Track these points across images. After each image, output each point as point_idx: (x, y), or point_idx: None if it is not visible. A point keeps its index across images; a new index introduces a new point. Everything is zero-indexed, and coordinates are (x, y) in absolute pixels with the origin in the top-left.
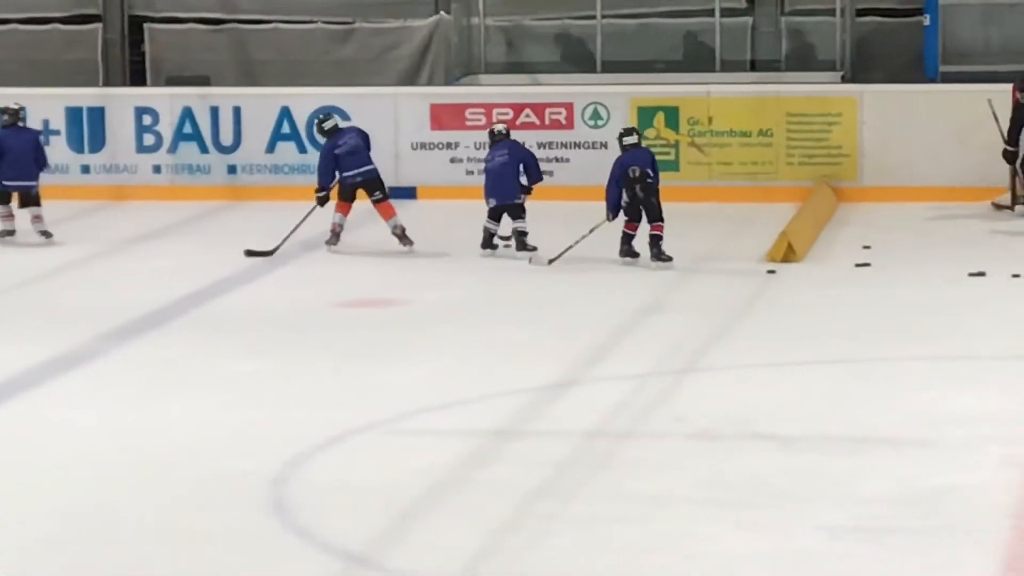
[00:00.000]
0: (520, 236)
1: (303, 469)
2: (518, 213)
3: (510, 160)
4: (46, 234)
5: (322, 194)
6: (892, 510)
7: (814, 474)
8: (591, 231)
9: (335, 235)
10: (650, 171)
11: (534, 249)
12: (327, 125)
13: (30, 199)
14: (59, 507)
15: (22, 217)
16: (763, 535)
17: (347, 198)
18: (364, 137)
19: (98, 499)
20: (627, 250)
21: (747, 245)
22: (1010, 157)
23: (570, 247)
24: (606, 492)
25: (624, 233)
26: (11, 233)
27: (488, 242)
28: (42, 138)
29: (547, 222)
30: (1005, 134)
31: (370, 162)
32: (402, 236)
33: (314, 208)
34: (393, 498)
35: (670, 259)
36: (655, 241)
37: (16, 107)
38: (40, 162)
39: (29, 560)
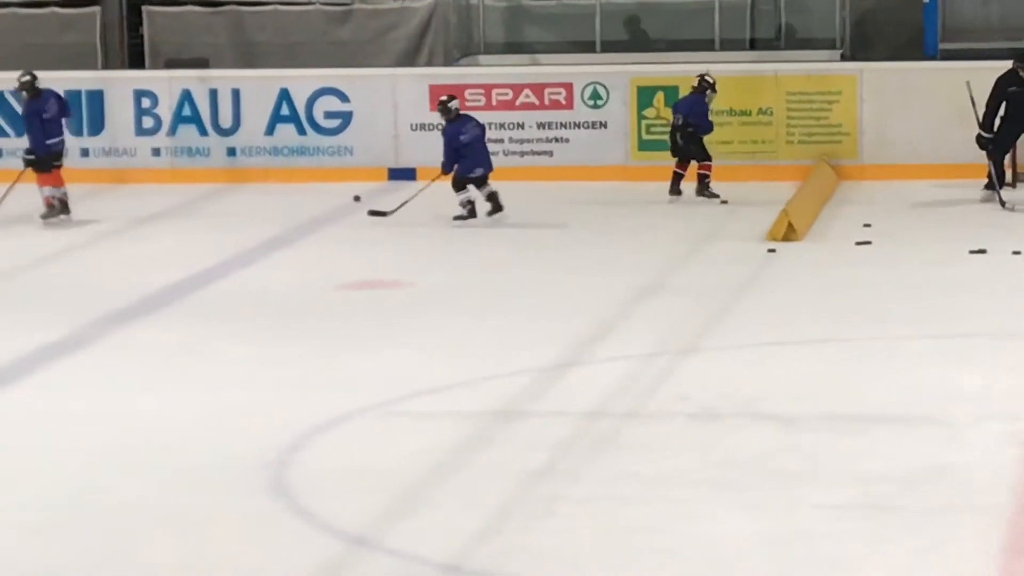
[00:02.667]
0: (495, 196)
1: (303, 452)
2: (486, 180)
3: (481, 133)
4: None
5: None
6: (895, 488)
7: (816, 453)
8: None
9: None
10: (690, 119)
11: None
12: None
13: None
14: (57, 491)
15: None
16: (766, 514)
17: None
18: None
19: (97, 483)
20: (673, 188)
21: (747, 224)
22: (983, 143)
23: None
24: (607, 473)
25: (674, 173)
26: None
27: (474, 211)
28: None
29: (546, 202)
30: (981, 119)
31: None
32: None
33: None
34: (393, 480)
35: (716, 195)
36: (701, 179)
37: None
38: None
39: (28, 544)
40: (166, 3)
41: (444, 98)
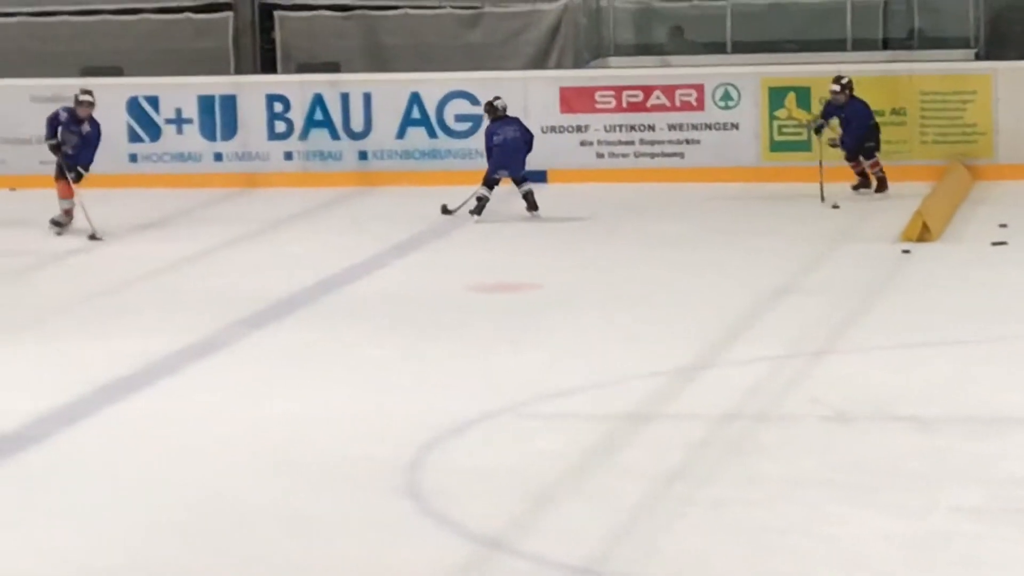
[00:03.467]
0: (530, 195)
1: (437, 453)
2: (525, 178)
3: (521, 136)
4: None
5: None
6: None
7: (951, 455)
8: None
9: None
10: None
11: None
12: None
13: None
14: (190, 493)
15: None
16: (900, 517)
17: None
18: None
19: (231, 485)
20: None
21: (882, 224)
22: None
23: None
24: (740, 475)
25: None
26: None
27: (482, 209)
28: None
29: (677, 203)
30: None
31: None
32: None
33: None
34: (527, 482)
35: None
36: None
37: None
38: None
39: (163, 545)
40: (298, 8)
41: (492, 98)
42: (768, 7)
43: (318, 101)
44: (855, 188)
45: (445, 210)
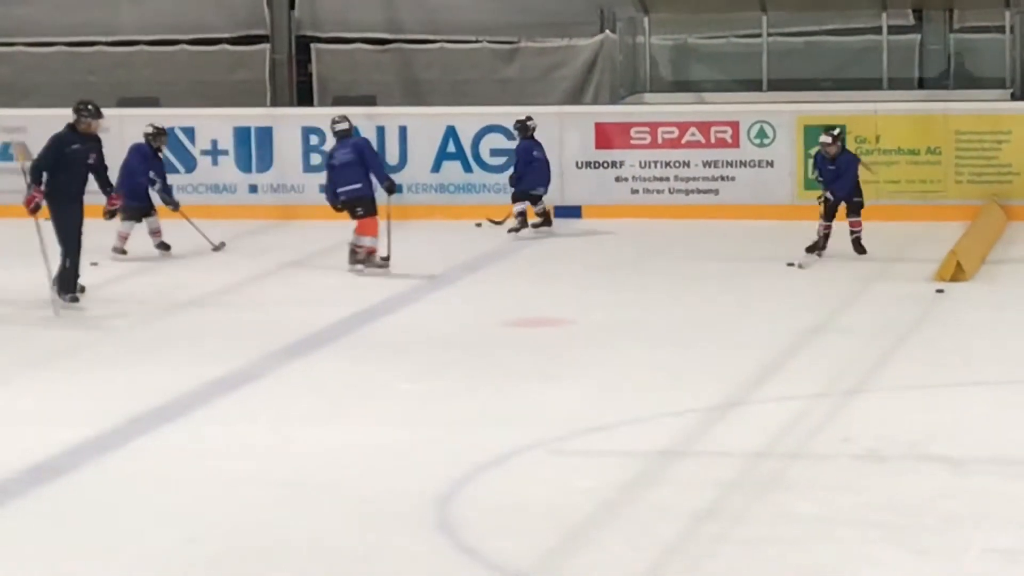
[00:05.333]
0: (548, 212)
1: (470, 488)
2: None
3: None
4: (163, 246)
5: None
6: None
7: (985, 496)
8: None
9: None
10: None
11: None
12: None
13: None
14: (226, 525)
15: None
16: (934, 558)
17: None
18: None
19: (265, 518)
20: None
21: (916, 264)
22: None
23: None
24: (773, 514)
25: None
26: (124, 252)
27: (525, 222)
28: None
29: (712, 240)
30: None
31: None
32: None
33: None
34: (560, 518)
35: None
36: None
37: (155, 130)
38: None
39: None
40: (334, 41)
41: (524, 117)
42: (804, 45)
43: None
44: (809, 250)
45: (493, 222)
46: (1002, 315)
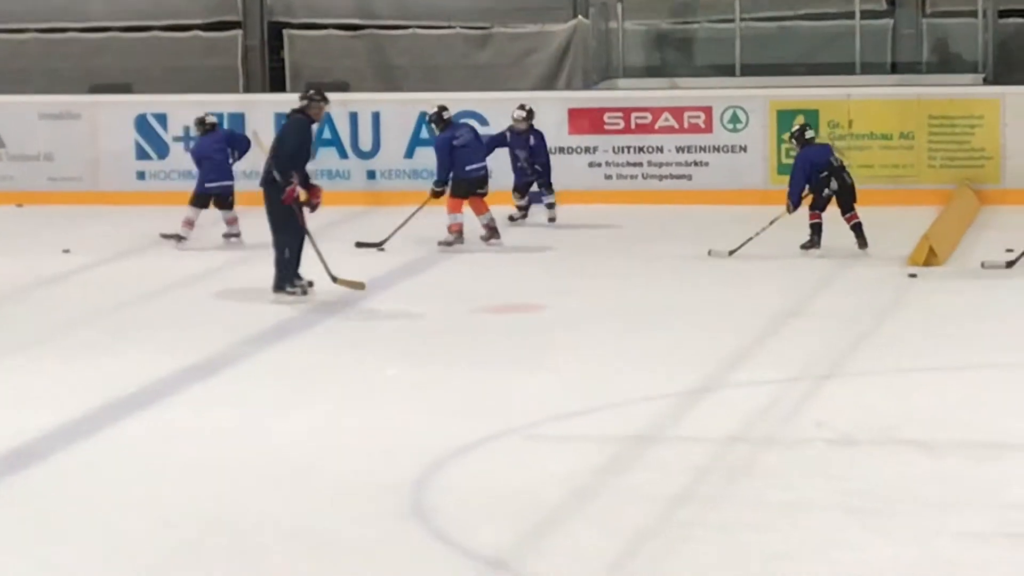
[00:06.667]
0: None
1: (444, 474)
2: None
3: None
4: (233, 236)
5: (440, 188)
6: None
7: (958, 480)
8: (771, 223)
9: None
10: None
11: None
12: (446, 115)
13: (225, 202)
14: (198, 512)
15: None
16: (907, 542)
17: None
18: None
19: (237, 505)
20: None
21: (888, 249)
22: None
23: (750, 239)
24: (746, 498)
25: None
26: (183, 239)
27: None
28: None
29: (684, 225)
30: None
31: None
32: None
33: (426, 202)
34: (532, 503)
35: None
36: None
37: (209, 121)
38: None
39: (167, 565)
40: (307, 27)
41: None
42: (777, 30)
43: (327, 120)
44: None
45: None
46: (975, 300)
